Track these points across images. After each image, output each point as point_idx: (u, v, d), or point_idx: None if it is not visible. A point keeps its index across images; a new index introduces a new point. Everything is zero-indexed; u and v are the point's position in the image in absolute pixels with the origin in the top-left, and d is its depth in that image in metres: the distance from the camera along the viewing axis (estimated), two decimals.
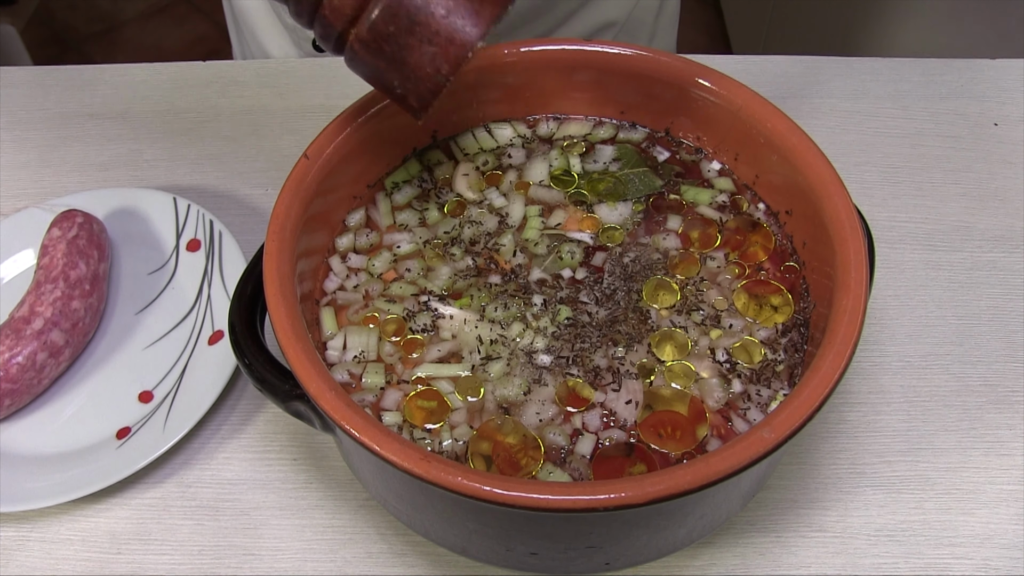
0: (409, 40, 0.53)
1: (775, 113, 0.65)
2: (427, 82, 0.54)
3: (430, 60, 0.54)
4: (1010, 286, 0.83)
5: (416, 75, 0.54)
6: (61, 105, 1.01)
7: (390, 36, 0.53)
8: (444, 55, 0.53)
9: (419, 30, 0.53)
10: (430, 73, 0.54)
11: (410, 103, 0.56)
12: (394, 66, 0.54)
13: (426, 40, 0.53)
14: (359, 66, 0.56)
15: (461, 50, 0.53)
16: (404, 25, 0.53)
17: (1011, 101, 0.98)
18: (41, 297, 0.76)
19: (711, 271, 0.66)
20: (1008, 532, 0.69)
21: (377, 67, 0.55)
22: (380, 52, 0.54)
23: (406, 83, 0.55)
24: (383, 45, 0.54)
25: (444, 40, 0.53)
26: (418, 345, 0.63)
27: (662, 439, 0.58)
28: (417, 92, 0.55)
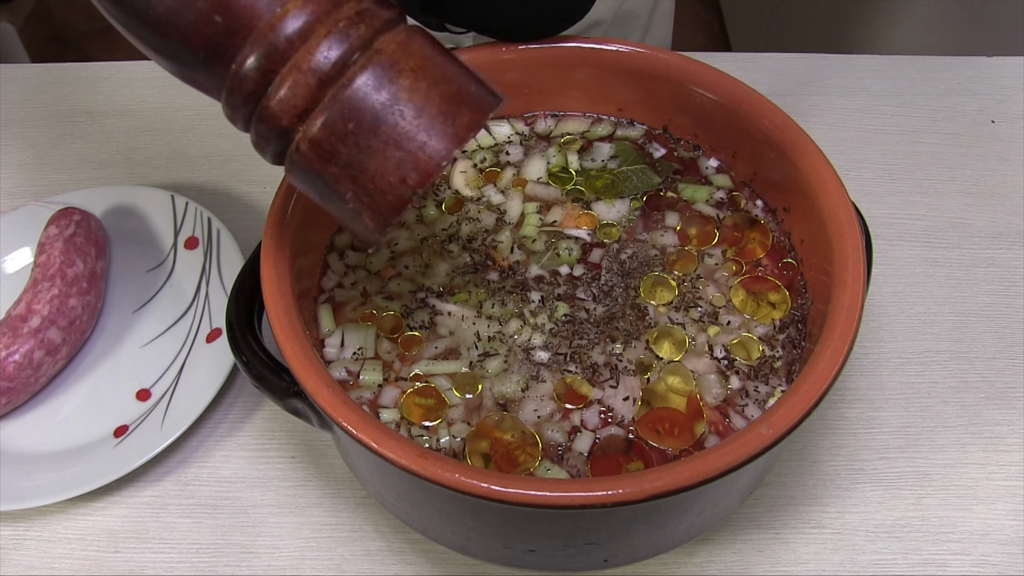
0: (371, 141, 0.44)
1: (773, 110, 0.65)
2: (390, 194, 0.45)
3: (395, 167, 0.44)
4: (1008, 282, 0.83)
5: (376, 185, 0.45)
6: (59, 102, 1.01)
7: (348, 135, 0.44)
8: (414, 162, 0.44)
9: (385, 130, 0.44)
10: (393, 183, 0.45)
11: (364, 221, 0.46)
12: (349, 174, 0.45)
13: (392, 143, 0.44)
14: (302, 174, 0.47)
15: (434, 158, 0.44)
16: (367, 123, 0.44)
17: (1008, 98, 0.98)
18: (38, 295, 0.76)
19: (709, 268, 0.66)
20: (1006, 528, 0.69)
21: (327, 175, 0.46)
22: (333, 156, 0.45)
23: (362, 195, 0.45)
24: (338, 147, 0.45)
25: (415, 145, 0.44)
26: (416, 342, 0.63)
27: (660, 436, 0.58)
28: (375, 207, 0.45)
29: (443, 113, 0.45)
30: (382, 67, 0.44)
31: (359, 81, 0.44)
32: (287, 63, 0.44)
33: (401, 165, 0.44)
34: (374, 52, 0.45)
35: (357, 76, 0.44)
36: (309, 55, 0.44)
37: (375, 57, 0.45)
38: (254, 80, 0.45)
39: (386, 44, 0.45)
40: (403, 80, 0.45)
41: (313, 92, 0.44)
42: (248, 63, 0.44)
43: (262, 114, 0.46)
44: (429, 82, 0.45)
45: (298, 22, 0.44)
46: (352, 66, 0.44)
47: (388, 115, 0.44)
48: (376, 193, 0.45)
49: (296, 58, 0.44)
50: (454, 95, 0.45)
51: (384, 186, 0.45)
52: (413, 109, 0.44)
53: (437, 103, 0.45)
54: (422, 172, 0.44)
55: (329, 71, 0.44)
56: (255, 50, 0.44)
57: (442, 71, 0.46)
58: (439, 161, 0.44)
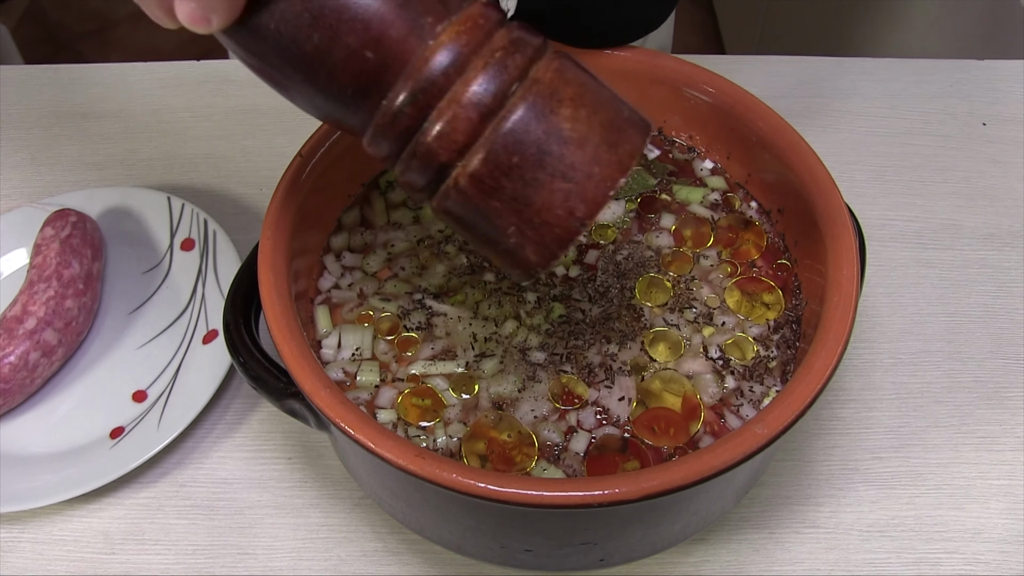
0: (537, 174, 0.42)
1: (767, 112, 0.66)
2: (557, 227, 0.43)
3: (562, 200, 0.42)
4: (1000, 283, 0.83)
5: (543, 219, 0.43)
6: (54, 104, 1.01)
7: (513, 169, 0.42)
8: (581, 193, 0.42)
9: (551, 162, 0.42)
10: (561, 216, 0.43)
11: (526, 256, 0.45)
12: (513, 209, 0.43)
13: (559, 175, 0.42)
14: (461, 210, 0.45)
15: (602, 187, 0.43)
16: (531, 155, 0.42)
17: (1000, 101, 0.99)
18: (34, 296, 0.76)
19: (704, 269, 0.66)
20: (999, 527, 0.69)
21: (489, 210, 0.44)
22: (497, 191, 0.43)
23: (526, 230, 0.44)
24: (503, 181, 0.43)
25: (582, 175, 0.42)
26: (412, 343, 0.63)
27: (656, 435, 0.58)
28: (540, 241, 0.44)
29: (606, 141, 0.43)
30: (541, 97, 0.43)
31: (520, 113, 0.42)
32: (443, 97, 0.42)
33: (569, 197, 0.43)
34: (532, 82, 0.43)
35: (517, 108, 0.42)
36: (467, 88, 0.42)
37: (533, 87, 0.43)
38: (408, 116, 0.43)
39: (542, 73, 0.43)
40: (564, 110, 0.43)
41: (474, 126, 0.42)
42: (401, 99, 0.43)
43: (416, 150, 0.44)
44: (589, 110, 0.43)
45: (452, 54, 0.42)
46: (512, 97, 0.43)
47: (553, 146, 0.42)
48: (543, 227, 0.43)
49: (453, 91, 0.42)
50: (613, 122, 0.44)
51: (551, 219, 0.43)
52: (577, 139, 0.43)
53: (599, 131, 0.43)
54: (590, 203, 0.43)
55: (490, 104, 0.42)
56: (408, 85, 0.42)
57: (597, 97, 0.44)
58: (606, 191, 0.43)
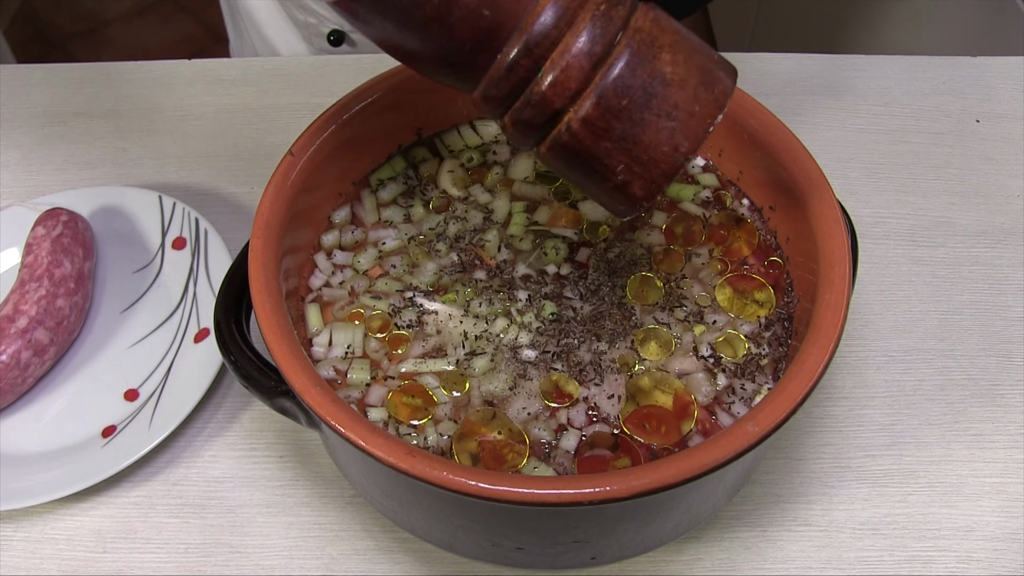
0: (644, 115, 0.47)
1: (759, 109, 0.66)
2: (664, 163, 0.48)
3: (668, 137, 0.47)
4: (992, 281, 0.83)
5: (650, 156, 0.47)
6: (46, 103, 1.00)
7: (623, 111, 0.47)
8: (684, 130, 0.47)
9: (656, 103, 0.47)
10: (667, 152, 0.47)
11: (632, 191, 0.49)
12: (623, 147, 0.47)
13: (664, 114, 0.47)
14: (572, 151, 0.49)
15: (703, 124, 0.47)
16: (639, 98, 0.46)
17: (992, 98, 0.99)
18: (25, 295, 0.76)
19: (695, 267, 0.66)
20: (990, 524, 0.70)
21: (599, 150, 0.48)
22: (608, 132, 0.47)
23: (635, 166, 0.48)
24: (613, 123, 0.47)
25: (684, 113, 0.47)
26: (403, 341, 0.63)
27: (647, 432, 0.58)
28: (648, 176, 0.48)
29: (703, 83, 0.47)
30: (644, 44, 0.47)
31: (626, 59, 0.46)
32: (556, 48, 0.46)
33: (673, 134, 0.47)
34: (633, 31, 0.47)
35: (623, 54, 0.46)
36: (576, 39, 0.46)
37: (636, 35, 0.47)
38: (523, 67, 0.47)
39: (641, 22, 0.47)
40: (664, 55, 0.47)
41: (586, 73, 0.46)
42: (516, 51, 0.47)
43: (531, 99, 0.47)
44: (685, 55, 0.48)
45: (561, 9, 0.46)
46: (618, 46, 0.47)
47: (657, 88, 0.47)
48: (650, 163, 0.48)
49: (564, 43, 0.46)
50: (707, 65, 0.48)
51: (658, 156, 0.47)
52: (678, 81, 0.47)
53: (696, 73, 0.47)
54: (693, 139, 0.47)
55: (600, 52, 0.46)
56: (522, 39, 0.46)
57: (692, 44, 0.48)
58: (707, 127, 0.47)
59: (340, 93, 0.67)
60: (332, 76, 1.01)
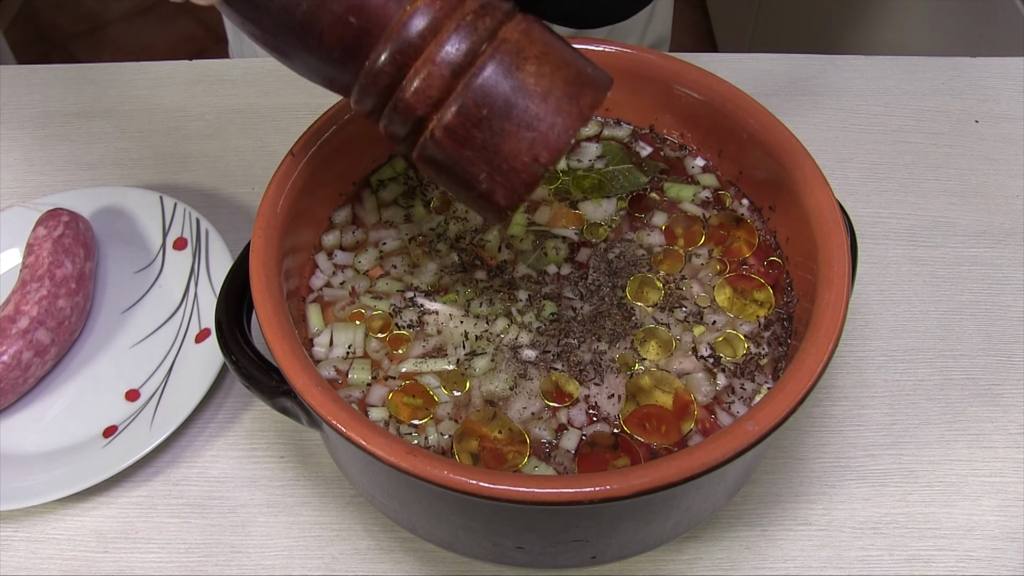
0: (504, 125, 0.47)
1: (759, 110, 0.66)
2: (522, 173, 0.48)
3: (528, 147, 0.48)
4: (992, 280, 0.84)
5: (509, 165, 0.48)
6: (47, 104, 1.00)
7: (482, 120, 0.47)
8: (544, 141, 0.48)
9: (516, 113, 0.47)
10: (526, 162, 0.48)
11: (495, 200, 0.50)
12: (483, 156, 0.48)
13: (524, 124, 0.47)
14: (437, 159, 0.50)
15: (563, 136, 0.48)
16: (499, 108, 0.47)
17: (991, 98, 0.99)
18: (27, 296, 0.76)
19: (695, 268, 0.66)
20: (990, 523, 0.70)
21: (461, 158, 0.49)
22: (468, 140, 0.48)
23: (495, 175, 0.49)
24: (473, 132, 0.48)
25: (545, 125, 0.47)
26: (404, 341, 0.63)
27: (647, 432, 0.58)
28: (508, 185, 0.49)
29: (567, 95, 0.48)
30: (509, 55, 0.48)
31: (489, 69, 0.47)
32: (419, 57, 0.47)
33: (533, 145, 0.48)
34: (500, 42, 0.48)
35: (487, 65, 0.47)
36: (440, 48, 0.47)
37: (501, 46, 0.48)
38: (388, 74, 0.48)
39: (510, 33, 0.48)
40: (529, 66, 0.48)
41: (447, 82, 0.47)
42: (382, 59, 0.48)
43: (397, 105, 0.49)
44: (552, 67, 0.48)
45: (427, 18, 0.47)
46: (481, 56, 0.47)
47: (518, 99, 0.47)
48: (510, 172, 0.49)
49: (428, 52, 0.47)
50: (575, 77, 0.49)
51: (518, 165, 0.48)
52: (540, 92, 0.48)
53: (561, 86, 0.48)
54: (552, 149, 0.48)
55: (461, 61, 0.47)
56: (387, 47, 0.47)
57: (562, 56, 0.49)
58: (567, 138, 0.48)
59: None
60: None
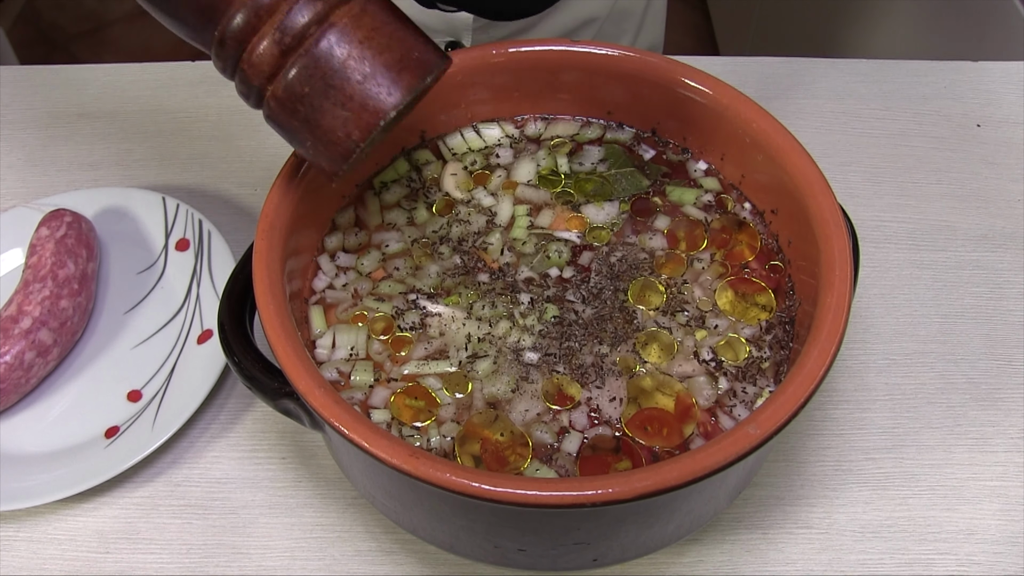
0: (323, 103, 0.52)
1: (761, 113, 0.66)
2: (338, 146, 0.53)
3: (342, 124, 0.52)
4: (993, 285, 0.84)
5: (328, 138, 0.53)
6: (50, 104, 1.01)
7: (304, 97, 0.52)
8: (356, 121, 0.52)
9: (333, 94, 0.52)
10: (341, 137, 0.53)
11: (321, 165, 0.55)
12: (307, 128, 0.53)
13: (339, 104, 0.52)
14: (274, 123, 0.55)
15: (373, 117, 0.52)
16: (319, 88, 0.52)
17: (993, 102, 0.99)
18: (29, 296, 0.76)
19: (696, 271, 0.66)
20: (991, 528, 0.70)
21: (291, 126, 0.54)
22: (294, 112, 0.53)
23: (317, 145, 0.54)
24: (297, 106, 0.53)
25: (357, 106, 0.52)
26: (406, 343, 0.63)
27: (648, 435, 0.58)
28: (328, 155, 0.54)
29: (386, 78, 0.52)
30: (336, 36, 0.51)
31: (315, 50, 0.51)
32: (257, 33, 0.51)
33: (347, 123, 0.52)
34: (328, 25, 0.51)
35: (314, 46, 0.51)
36: (274, 27, 0.51)
37: (328, 30, 0.51)
38: (231, 47, 0.52)
39: (339, 17, 0.51)
40: (353, 49, 0.52)
41: (277, 59, 0.52)
42: (228, 29, 0.52)
43: (240, 75, 0.53)
44: (375, 51, 0.52)
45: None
46: (308, 37, 0.51)
47: (336, 80, 0.52)
48: (329, 145, 0.53)
49: (263, 30, 0.51)
50: (398, 61, 0.52)
51: (334, 139, 0.53)
52: (359, 75, 0.52)
53: (381, 69, 0.52)
54: (363, 129, 0.52)
55: (289, 42, 0.51)
56: (234, 20, 0.51)
57: (389, 40, 0.53)
58: (377, 120, 0.52)
59: None
60: None
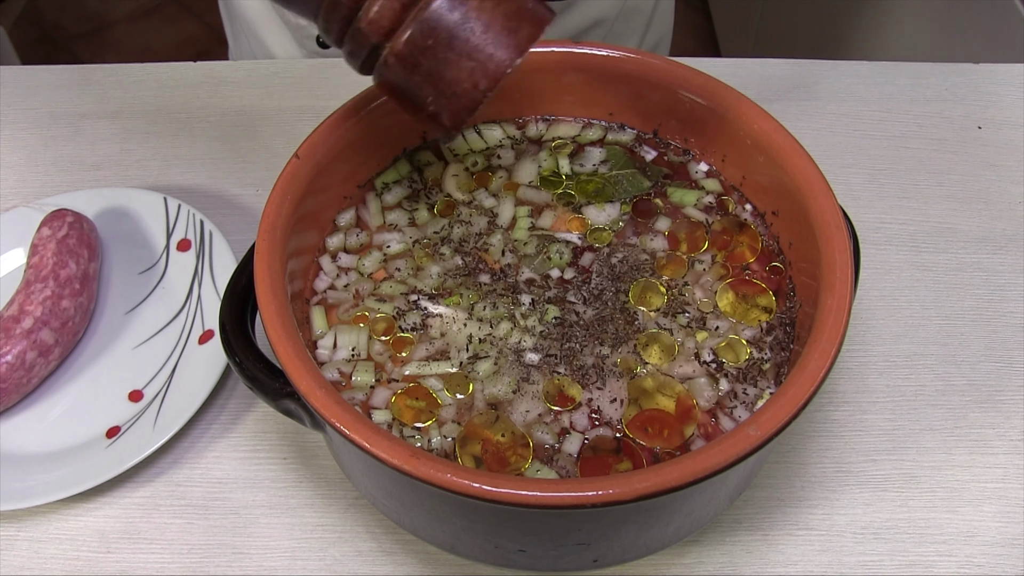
0: (448, 54, 0.52)
1: (762, 115, 0.66)
2: (464, 98, 0.54)
3: (468, 75, 0.53)
4: (994, 287, 0.84)
5: (452, 90, 0.53)
6: (51, 105, 1.01)
7: (428, 50, 0.52)
8: (483, 70, 0.53)
9: (458, 44, 0.52)
10: (467, 88, 0.53)
11: (442, 120, 0.55)
12: (430, 81, 0.53)
13: (465, 54, 0.52)
14: (391, 82, 0.55)
15: (500, 66, 0.53)
16: (443, 39, 0.52)
17: (994, 104, 0.99)
18: (31, 296, 0.76)
19: (698, 272, 0.66)
20: (991, 529, 0.70)
21: (411, 82, 0.54)
22: (416, 66, 0.53)
23: (441, 99, 0.54)
24: (420, 59, 0.53)
25: (483, 55, 0.52)
26: (407, 344, 0.63)
27: (649, 436, 0.58)
28: (452, 108, 0.54)
29: (506, 28, 0.53)
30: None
31: (436, 4, 0.52)
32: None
33: (473, 73, 0.53)
34: None
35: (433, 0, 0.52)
36: None
37: None
38: (346, 6, 0.53)
39: None
40: (472, 1, 0.52)
41: (397, 14, 0.52)
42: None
43: (354, 34, 0.53)
44: (493, 2, 0.53)
45: None
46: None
47: (460, 31, 0.52)
48: (453, 97, 0.54)
49: None
50: (515, 12, 0.53)
51: (459, 91, 0.53)
52: (481, 25, 0.52)
53: (501, 20, 0.53)
54: (491, 78, 0.53)
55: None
56: None
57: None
58: (504, 69, 0.53)
59: (345, 96, 0.67)
60: (337, 79, 1.01)
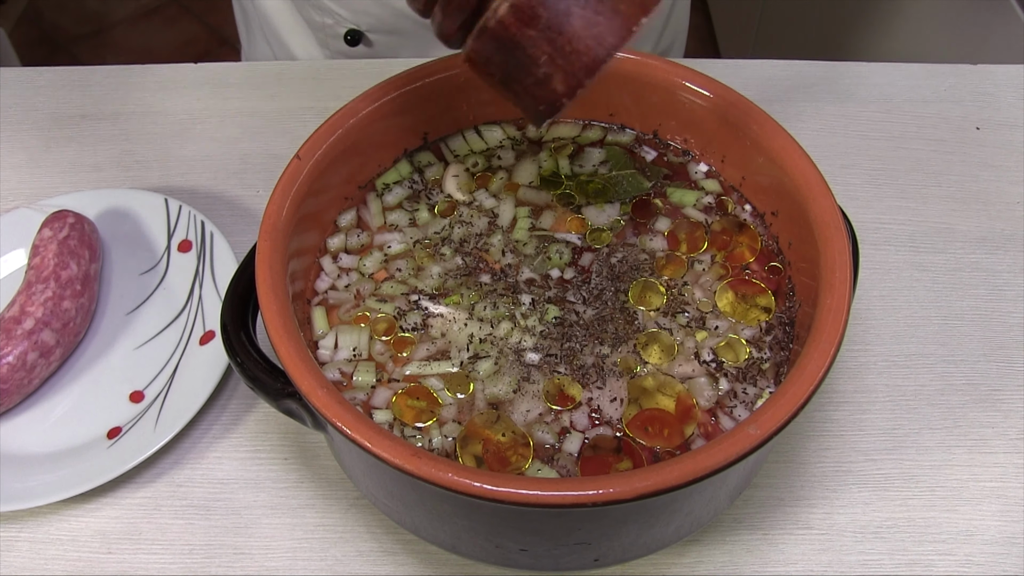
0: (571, 6, 0.47)
1: (762, 116, 0.66)
2: (586, 55, 0.48)
3: (594, 29, 0.47)
4: (992, 286, 0.84)
5: (574, 47, 0.47)
6: (52, 106, 1.01)
7: (547, 1, 0.47)
8: (609, 25, 0.47)
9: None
10: (591, 45, 0.47)
11: (554, 86, 0.49)
12: (547, 36, 0.47)
13: (591, 7, 0.47)
14: (495, 43, 0.49)
15: (628, 22, 0.47)
16: None
17: (992, 105, 0.99)
18: (32, 297, 0.76)
19: (697, 272, 0.67)
20: (991, 528, 0.70)
21: (524, 39, 0.48)
22: (534, 19, 0.47)
23: (557, 58, 0.48)
24: (539, 10, 0.47)
25: (609, 10, 0.47)
26: (408, 344, 0.63)
27: (649, 435, 0.59)
28: (569, 69, 0.48)
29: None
30: None
31: None
32: None
33: (598, 26, 0.47)
34: None
35: None
36: None
37: None
38: None
39: None
40: None
41: None
42: None
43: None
44: None
45: None
46: None
47: None
48: (573, 55, 0.48)
49: None
50: None
51: (581, 47, 0.47)
52: None
53: None
54: (617, 35, 0.47)
55: None
56: None
57: None
58: (631, 26, 0.47)
59: (346, 97, 0.67)
60: (338, 80, 1.02)
